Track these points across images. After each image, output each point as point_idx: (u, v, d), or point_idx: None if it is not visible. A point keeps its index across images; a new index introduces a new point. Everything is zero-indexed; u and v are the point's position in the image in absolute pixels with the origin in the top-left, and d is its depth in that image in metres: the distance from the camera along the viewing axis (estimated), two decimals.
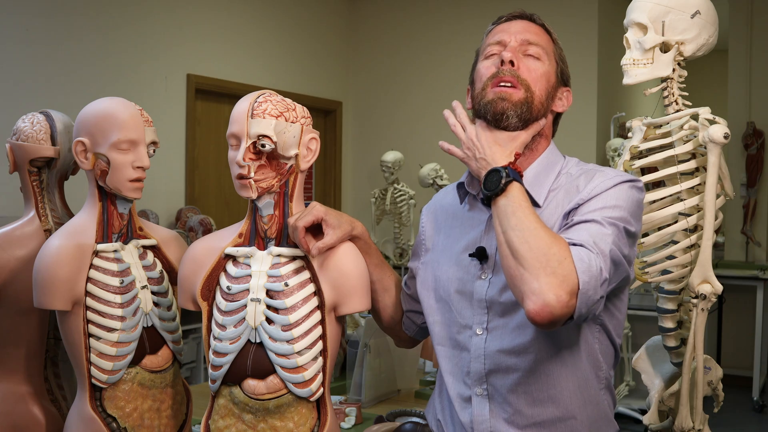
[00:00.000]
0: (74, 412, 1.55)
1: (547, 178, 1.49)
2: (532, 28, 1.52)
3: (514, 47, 1.48)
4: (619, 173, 1.45)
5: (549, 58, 1.51)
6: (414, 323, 1.67)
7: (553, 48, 1.53)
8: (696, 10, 1.94)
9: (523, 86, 1.45)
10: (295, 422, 1.43)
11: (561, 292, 1.23)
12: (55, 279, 1.49)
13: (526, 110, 1.44)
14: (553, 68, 1.52)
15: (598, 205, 1.37)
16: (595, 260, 1.27)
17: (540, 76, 1.47)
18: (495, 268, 1.45)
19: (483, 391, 1.45)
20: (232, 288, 1.44)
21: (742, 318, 5.40)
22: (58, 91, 4.07)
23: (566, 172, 1.51)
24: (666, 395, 2.05)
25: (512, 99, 1.44)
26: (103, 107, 1.55)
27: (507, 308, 1.43)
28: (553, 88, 1.51)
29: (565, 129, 6.43)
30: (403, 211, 5.35)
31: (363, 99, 6.41)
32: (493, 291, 1.44)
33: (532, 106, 1.45)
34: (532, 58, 1.48)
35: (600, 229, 1.33)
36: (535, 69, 1.48)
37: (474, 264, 1.48)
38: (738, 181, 5.40)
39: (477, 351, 1.45)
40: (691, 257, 1.97)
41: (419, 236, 1.66)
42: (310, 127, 1.47)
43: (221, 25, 5.19)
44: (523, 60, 1.47)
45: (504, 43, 1.49)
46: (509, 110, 1.43)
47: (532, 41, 1.49)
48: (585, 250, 1.28)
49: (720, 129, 1.88)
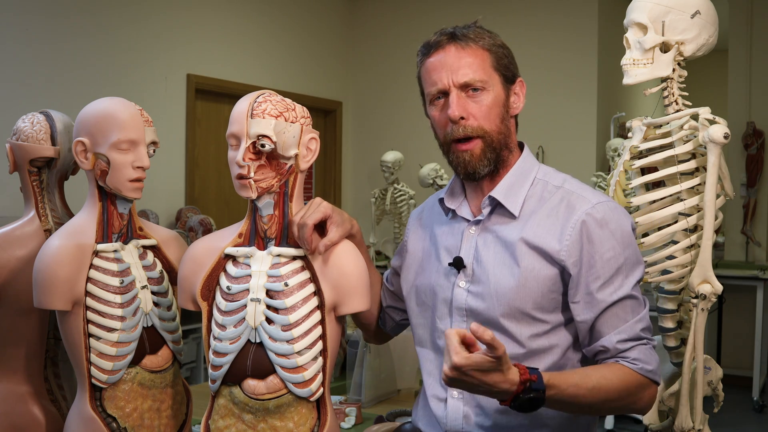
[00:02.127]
0: (74, 412, 1.55)
1: (521, 188, 1.52)
2: (465, 56, 1.48)
3: (455, 99, 1.47)
4: (597, 196, 1.47)
5: (491, 78, 1.49)
6: (392, 319, 1.73)
7: (490, 60, 1.50)
8: (696, 10, 1.94)
9: (478, 136, 1.48)
10: (295, 422, 1.43)
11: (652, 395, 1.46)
12: (55, 279, 1.49)
13: (490, 151, 1.49)
14: (498, 83, 1.50)
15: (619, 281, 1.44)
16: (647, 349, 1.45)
17: (489, 109, 1.48)
18: (473, 277, 1.50)
19: (459, 393, 1.50)
20: (232, 288, 1.44)
21: (742, 318, 5.40)
22: (58, 91, 4.08)
23: (541, 178, 1.53)
24: (666, 395, 2.05)
25: (475, 155, 1.48)
26: (103, 107, 1.55)
27: (485, 318, 1.47)
28: (504, 105, 1.51)
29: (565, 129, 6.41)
30: (403, 211, 5.35)
31: (363, 99, 6.41)
32: (472, 300, 1.50)
33: (494, 142, 1.49)
34: (475, 92, 1.47)
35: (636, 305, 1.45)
36: (482, 105, 1.48)
37: (453, 272, 1.53)
38: (738, 181, 5.40)
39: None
40: (691, 257, 1.97)
41: (404, 237, 1.72)
42: (310, 127, 1.47)
43: (221, 25, 5.19)
44: (468, 104, 1.47)
45: (444, 89, 1.48)
46: (478, 167, 1.49)
47: (469, 80, 1.47)
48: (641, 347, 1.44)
49: (720, 129, 1.88)
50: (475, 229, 1.53)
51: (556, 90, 5.56)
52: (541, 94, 5.46)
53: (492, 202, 1.51)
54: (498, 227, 1.50)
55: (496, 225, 1.51)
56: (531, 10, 5.68)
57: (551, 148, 5.58)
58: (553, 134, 5.55)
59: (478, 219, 1.53)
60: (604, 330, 1.43)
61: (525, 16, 5.70)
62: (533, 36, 5.63)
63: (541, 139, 5.53)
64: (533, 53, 5.57)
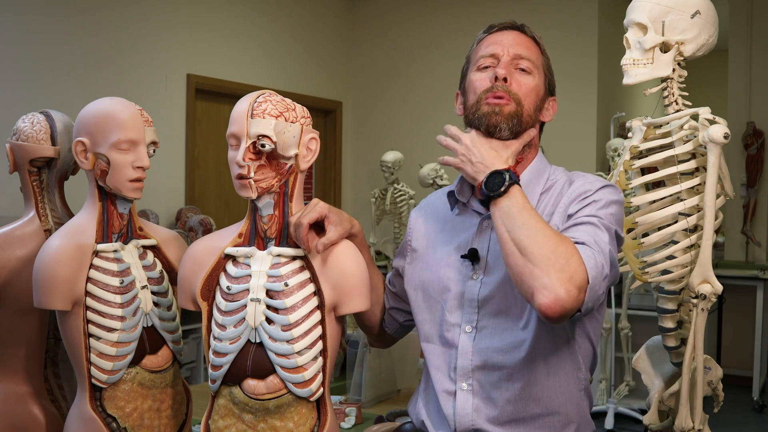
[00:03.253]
0: (74, 412, 1.55)
1: (537, 185, 1.58)
2: (523, 41, 1.59)
3: (507, 62, 1.56)
4: (598, 178, 1.55)
5: (538, 71, 1.59)
6: (396, 321, 1.74)
7: (542, 60, 1.61)
8: (696, 10, 1.94)
9: (514, 101, 1.54)
10: (295, 422, 1.43)
11: (571, 286, 1.30)
12: (55, 279, 1.49)
13: (516, 122, 1.53)
14: (542, 80, 1.60)
15: (592, 210, 1.45)
16: (598, 257, 1.37)
17: (530, 90, 1.56)
18: (486, 269, 1.53)
19: (468, 386, 1.52)
20: (231, 288, 1.44)
21: (742, 318, 5.40)
22: (58, 91, 4.07)
23: (553, 178, 1.60)
24: (666, 395, 2.05)
25: (504, 112, 1.52)
26: (103, 107, 1.55)
27: (498, 308, 1.50)
28: (542, 100, 1.60)
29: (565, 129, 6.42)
30: (403, 211, 5.35)
31: (363, 99, 6.41)
32: (485, 291, 1.52)
33: (522, 119, 1.55)
34: (523, 72, 1.56)
35: (597, 230, 1.42)
36: (526, 83, 1.56)
37: (466, 265, 1.55)
38: (738, 181, 5.40)
39: (465, 347, 1.52)
40: (691, 257, 1.97)
41: (406, 237, 1.73)
42: (310, 127, 1.47)
43: (221, 25, 5.19)
44: (515, 75, 1.56)
45: (497, 56, 1.57)
46: (502, 123, 1.52)
47: (523, 55, 1.56)
48: (588, 248, 1.37)
49: (720, 129, 1.88)
50: (488, 222, 1.56)
51: (556, 90, 5.55)
52: None
53: None
54: None
55: None
56: (531, 11, 5.68)
57: (551, 148, 5.55)
58: (553, 134, 5.50)
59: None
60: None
61: (525, 16, 5.66)
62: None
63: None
64: None
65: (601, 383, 4.45)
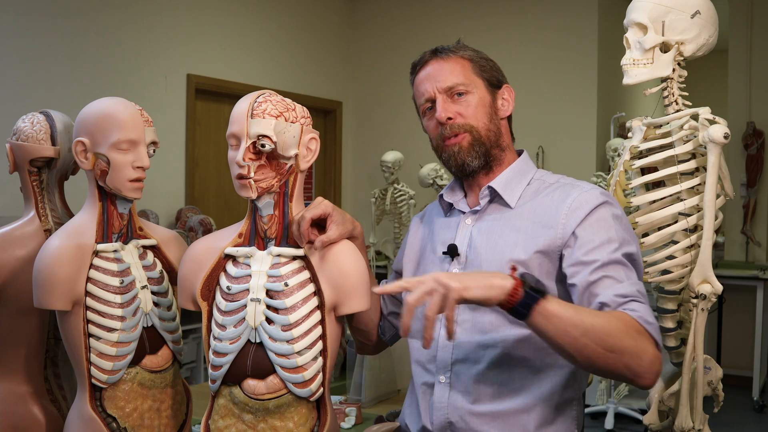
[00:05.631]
0: (74, 412, 1.55)
1: (519, 184, 1.59)
2: (446, 66, 1.58)
3: (442, 102, 1.56)
4: (593, 187, 1.54)
5: (474, 82, 1.58)
6: (393, 326, 1.74)
7: (472, 66, 1.59)
8: (696, 10, 1.94)
9: (466, 131, 1.55)
10: (295, 422, 1.43)
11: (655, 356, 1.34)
12: (55, 279, 1.49)
13: (479, 146, 1.56)
14: (483, 86, 1.59)
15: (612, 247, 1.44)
16: (646, 307, 1.38)
17: (476, 108, 1.57)
18: (466, 264, 1.55)
19: (446, 378, 1.54)
20: (231, 288, 1.44)
21: (742, 318, 5.40)
22: (58, 91, 4.07)
23: (538, 178, 1.60)
24: (666, 395, 2.05)
25: (464, 147, 1.55)
26: (103, 107, 1.55)
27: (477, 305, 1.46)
28: (491, 105, 1.59)
29: (565, 129, 6.42)
30: (403, 211, 5.35)
31: (363, 99, 6.41)
32: None
33: (482, 139, 1.56)
34: (461, 96, 1.57)
35: (628, 272, 1.43)
36: (468, 104, 1.56)
37: (446, 260, 1.58)
38: (738, 181, 5.40)
39: (445, 341, 1.53)
40: (691, 257, 1.97)
41: (404, 241, 1.75)
42: (310, 127, 1.47)
43: (221, 25, 5.19)
44: (454, 106, 1.57)
45: (431, 98, 1.58)
46: (466, 158, 1.56)
47: (452, 84, 1.56)
48: (639, 304, 1.38)
49: (720, 129, 1.88)
50: (471, 219, 1.59)
51: (556, 90, 5.56)
52: (541, 94, 5.46)
53: (491, 193, 1.57)
54: (494, 215, 1.57)
55: (492, 214, 1.57)
56: (531, 11, 5.68)
57: (551, 148, 5.59)
58: (553, 134, 5.55)
59: (476, 209, 1.59)
60: (599, 290, 1.41)
61: (525, 16, 5.70)
62: (533, 36, 5.63)
63: (541, 139, 5.54)
64: (533, 53, 5.58)
65: (601, 383, 4.45)
